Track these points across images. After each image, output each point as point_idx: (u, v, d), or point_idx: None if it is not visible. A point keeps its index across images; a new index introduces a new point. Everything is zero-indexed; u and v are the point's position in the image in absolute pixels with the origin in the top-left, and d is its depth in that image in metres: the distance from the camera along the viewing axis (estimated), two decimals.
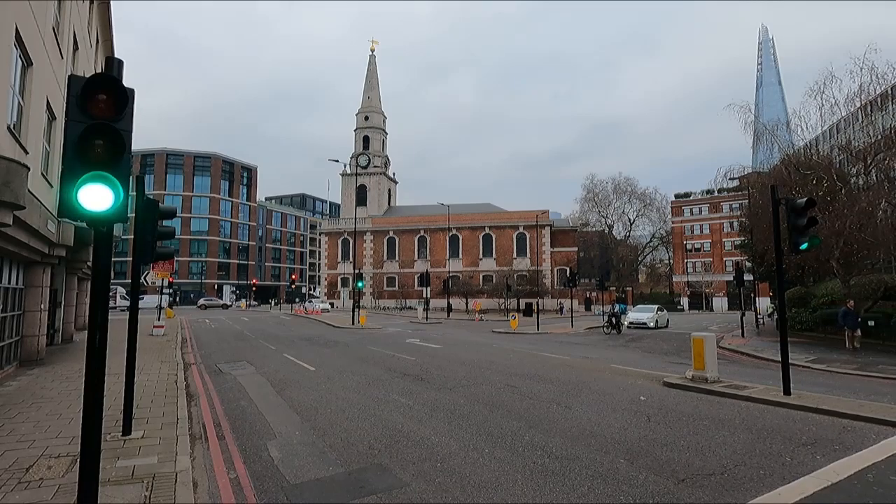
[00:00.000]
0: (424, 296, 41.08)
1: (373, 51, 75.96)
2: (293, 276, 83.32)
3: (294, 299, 71.96)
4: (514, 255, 61.18)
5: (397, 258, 65.08)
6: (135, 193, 7.07)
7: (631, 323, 29.99)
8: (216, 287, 78.97)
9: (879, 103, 21.80)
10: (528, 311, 43.76)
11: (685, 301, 71.39)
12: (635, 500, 4.84)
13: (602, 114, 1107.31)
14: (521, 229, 61.79)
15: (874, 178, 21.04)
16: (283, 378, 11.73)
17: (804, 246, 9.80)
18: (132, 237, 7.44)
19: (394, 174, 77.58)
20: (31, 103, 10.27)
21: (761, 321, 32.15)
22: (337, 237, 67.32)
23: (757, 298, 37.91)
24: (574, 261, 59.23)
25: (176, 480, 5.15)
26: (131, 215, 6.13)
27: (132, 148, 4.09)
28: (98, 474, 3.73)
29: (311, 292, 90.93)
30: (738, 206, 39.87)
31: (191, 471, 5.47)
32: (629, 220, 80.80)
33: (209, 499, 4.99)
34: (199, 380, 11.77)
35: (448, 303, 46.26)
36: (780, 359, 9.72)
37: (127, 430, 6.65)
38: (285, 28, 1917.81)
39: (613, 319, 26.57)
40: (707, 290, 70.46)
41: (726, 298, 68.38)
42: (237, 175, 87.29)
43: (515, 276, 53.23)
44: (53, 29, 11.93)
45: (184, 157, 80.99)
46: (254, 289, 77.53)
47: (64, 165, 3.73)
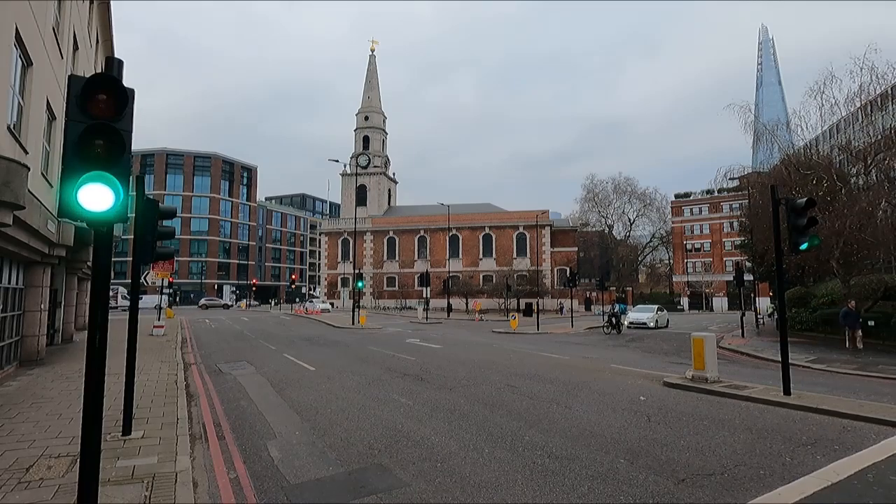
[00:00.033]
0: (424, 296, 41.07)
1: (373, 51, 76.05)
2: (293, 276, 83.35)
3: (294, 299, 71.93)
4: (514, 255, 61.18)
5: (397, 258, 65.08)
6: (135, 193, 7.07)
7: (631, 323, 29.99)
8: (216, 287, 78.96)
9: (879, 103, 21.79)
10: (528, 311, 43.76)
11: (685, 301, 71.38)
12: (635, 500, 4.84)
13: (602, 114, 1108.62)
14: (521, 229, 61.79)
15: (874, 178, 21.04)
16: (283, 378, 11.73)
17: (804, 246, 9.81)
18: (132, 237, 7.45)
19: (394, 174, 77.59)
20: (31, 103, 10.27)
21: (761, 321, 32.16)
22: (337, 237, 67.33)
23: (757, 298, 37.93)
24: (574, 261, 59.23)
25: (176, 480, 5.15)
26: (131, 215, 6.13)
27: (132, 148, 4.09)
28: (98, 474, 3.72)
29: (312, 292, 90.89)
30: (738, 206, 39.91)
31: (191, 471, 5.47)
32: (629, 220, 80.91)
33: (209, 499, 4.99)
34: (199, 380, 11.77)
35: (448, 303, 46.25)
36: (780, 359, 9.73)
37: (127, 430, 6.65)
38: (285, 28, 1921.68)
39: (613, 319, 26.57)
40: (707, 290, 70.45)
41: (726, 298, 68.36)
42: (237, 175, 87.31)
43: (515, 276, 53.21)
44: (53, 29, 11.93)
45: (184, 157, 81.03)
46: (254, 289, 77.47)
47: (64, 165, 3.73)
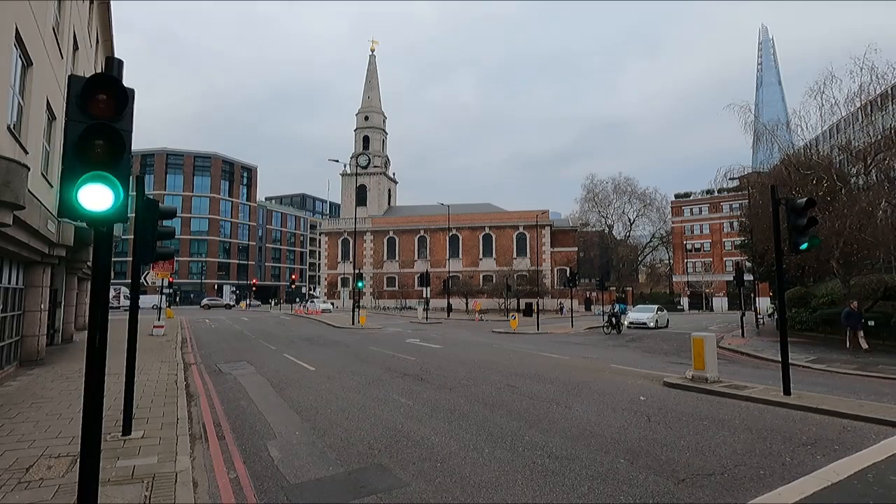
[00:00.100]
0: (424, 296, 41.07)
1: (373, 51, 76.07)
2: (293, 276, 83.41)
3: (294, 299, 71.95)
4: (514, 255, 61.18)
5: (397, 258, 65.08)
6: (135, 193, 7.07)
7: (631, 323, 29.99)
8: (216, 287, 78.96)
9: (879, 103, 21.77)
10: (528, 311, 43.76)
11: (685, 301, 71.38)
12: (635, 500, 4.84)
13: (602, 114, 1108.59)
14: (521, 229, 61.79)
15: (874, 178, 21.02)
16: (283, 378, 11.73)
17: (804, 246, 9.80)
18: (132, 237, 7.44)
19: (394, 174, 77.60)
20: (31, 103, 10.27)
21: (761, 321, 32.15)
22: (337, 237, 67.34)
23: (757, 298, 37.92)
24: (574, 261, 59.23)
25: (176, 480, 5.15)
26: (131, 215, 6.13)
27: (132, 148, 4.09)
28: (98, 474, 3.72)
29: (312, 292, 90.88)
30: (738, 206, 39.88)
31: (191, 471, 5.46)
32: (629, 220, 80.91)
33: (209, 499, 4.99)
34: (199, 380, 11.77)
35: (448, 303, 46.25)
36: (780, 359, 9.72)
37: (127, 430, 6.65)
38: (285, 28, 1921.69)
39: (613, 319, 26.57)
40: (707, 290, 70.45)
41: (726, 298, 68.37)
42: (237, 175, 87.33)
43: (515, 276, 53.20)
44: (53, 29, 11.93)
45: (184, 157, 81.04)
46: (254, 289, 77.50)
47: (64, 165, 3.73)
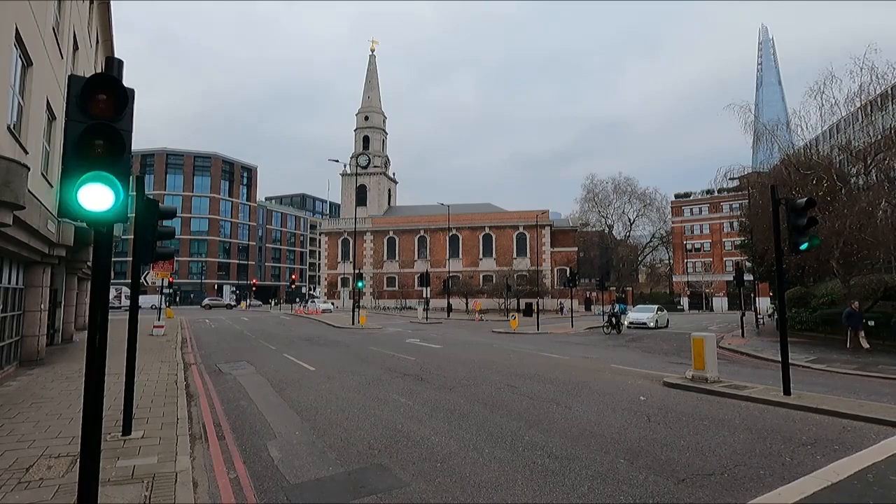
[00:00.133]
0: (424, 296, 41.06)
1: (373, 51, 76.05)
2: (293, 276, 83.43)
3: (294, 299, 71.95)
4: (514, 255, 61.17)
5: (397, 258, 65.07)
6: (135, 193, 7.07)
7: (631, 323, 29.98)
8: (216, 287, 78.94)
9: (879, 103, 21.78)
10: (528, 311, 43.76)
11: (685, 301, 71.38)
12: (635, 500, 4.84)
13: (602, 114, 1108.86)
14: (521, 229, 61.79)
15: (874, 178, 21.02)
16: (283, 378, 11.73)
17: (804, 246, 9.80)
18: (132, 237, 7.44)
19: (394, 174, 77.58)
20: (31, 103, 10.27)
21: (761, 321, 32.15)
22: (337, 237, 67.33)
23: (757, 298, 37.93)
24: (574, 261, 59.23)
25: (176, 480, 5.15)
26: (131, 215, 6.13)
27: (132, 148, 4.09)
28: (98, 474, 3.72)
29: (312, 292, 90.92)
30: (738, 206, 39.90)
31: (191, 471, 5.47)
32: (629, 220, 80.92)
33: (209, 499, 4.99)
34: (199, 380, 11.77)
35: (448, 303, 46.24)
36: (780, 359, 9.72)
37: (127, 430, 6.65)
38: (285, 28, 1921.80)
39: (613, 319, 26.56)
40: (707, 290, 70.45)
41: (726, 298, 68.37)
42: (237, 175, 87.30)
43: (515, 276, 53.20)
44: (53, 29, 11.93)
45: (184, 157, 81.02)
46: (254, 289, 77.50)
47: (64, 165, 3.73)
